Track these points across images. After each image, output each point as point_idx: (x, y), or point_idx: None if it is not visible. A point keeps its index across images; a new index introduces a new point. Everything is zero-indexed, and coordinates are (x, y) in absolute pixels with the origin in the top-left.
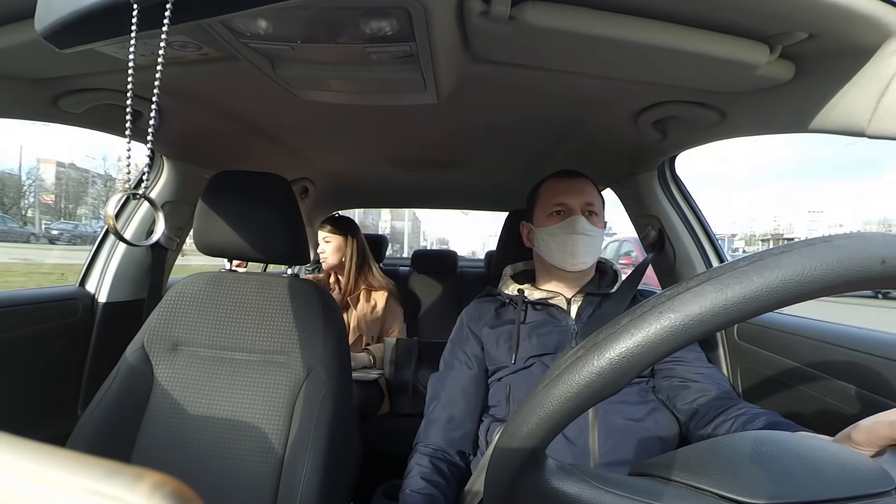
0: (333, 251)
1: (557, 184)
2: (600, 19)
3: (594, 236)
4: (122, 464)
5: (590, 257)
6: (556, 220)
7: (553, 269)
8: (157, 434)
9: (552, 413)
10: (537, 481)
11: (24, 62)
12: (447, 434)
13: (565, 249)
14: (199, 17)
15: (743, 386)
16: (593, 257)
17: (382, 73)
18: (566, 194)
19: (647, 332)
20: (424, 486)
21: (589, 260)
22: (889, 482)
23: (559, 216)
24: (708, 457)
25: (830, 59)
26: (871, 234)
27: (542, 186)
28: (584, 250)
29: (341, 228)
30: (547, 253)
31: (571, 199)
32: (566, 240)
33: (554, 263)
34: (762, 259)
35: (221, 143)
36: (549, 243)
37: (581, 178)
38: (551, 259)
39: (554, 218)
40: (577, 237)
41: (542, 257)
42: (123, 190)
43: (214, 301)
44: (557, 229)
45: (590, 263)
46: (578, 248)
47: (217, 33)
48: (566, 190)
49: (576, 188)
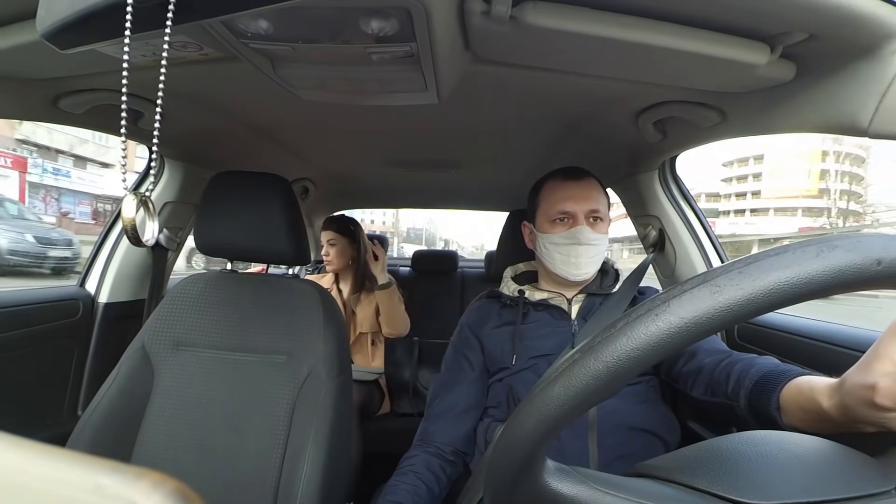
0: (339, 254)
1: (561, 187)
2: (601, 19)
3: (598, 245)
4: (122, 463)
5: (593, 267)
6: (559, 229)
7: (555, 275)
8: (158, 434)
9: (549, 416)
10: (535, 482)
11: (24, 62)
12: (445, 434)
13: (568, 260)
14: (200, 17)
15: None
16: (596, 266)
17: (383, 74)
18: (571, 201)
19: (643, 334)
20: (410, 478)
21: (592, 270)
22: (888, 482)
23: (563, 224)
24: (706, 457)
25: (831, 59)
26: (867, 235)
27: (544, 186)
28: (587, 261)
29: (346, 230)
30: (550, 261)
31: (576, 206)
32: (569, 251)
33: (556, 272)
34: (758, 261)
35: (221, 143)
36: (553, 252)
37: (585, 178)
38: (554, 268)
39: (558, 226)
40: (581, 248)
41: (545, 264)
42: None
43: (215, 301)
44: (561, 238)
45: (592, 273)
46: (582, 258)
47: (217, 33)
48: (571, 196)
49: (580, 193)
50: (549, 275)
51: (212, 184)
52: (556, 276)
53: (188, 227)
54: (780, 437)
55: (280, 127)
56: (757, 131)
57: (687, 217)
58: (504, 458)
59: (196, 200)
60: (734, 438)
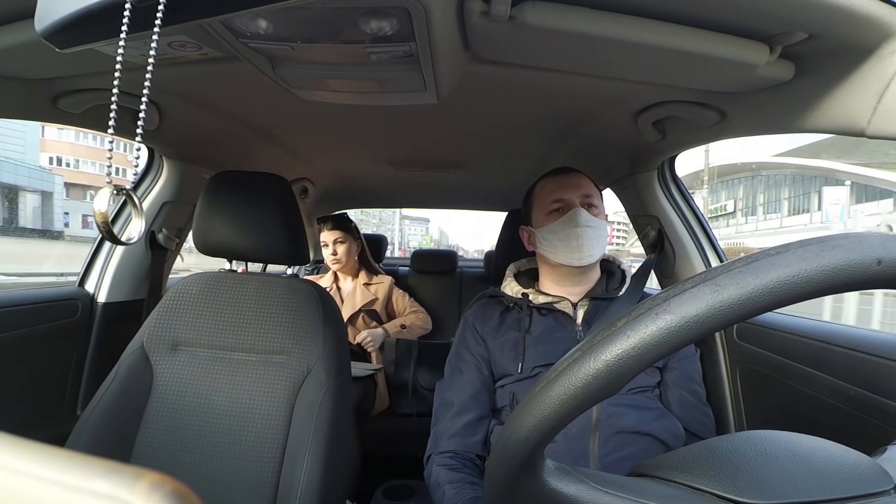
0: (347, 252)
1: (552, 181)
2: (600, 19)
3: (597, 227)
4: (121, 464)
5: (596, 250)
6: (556, 217)
7: (560, 268)
8: (157, 434)
9: (549, 415)
10: (535, 482)
11: (23, 62)
12: (463, 441)
13: (570, 244)
14: (198, 16)
15: (742, 386)
16: (599, 250)
17: (382, 74)
18: (563, 189)
19: (642, 334)
20: (458, 490)
21: (596, 253)
22: (888, 482)
23: (559, 213)
24: (706, 457)
25: (830, 59)
26: (867, 234)
27: (536, 187)
28: (588, 243)
29: (350, 227)
30: (552, 252)
31: (569, 193)
32: (570, 234)
33: (560, 261)
34: (758, 260)
35: (221, 143)
36: (553, 241)
37: (575, 172)
38: (557, 258)
39: (554, 215)
40: (581, 230)
41: (547, 257)
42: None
43: (214, 301)
44: (559, 226)
45: (597, 257)
46: (583, 241)
47: (217, 33)
48: (562, 185)
49: (572, 182)
50: (552, 271)
51: (211, 183)
52: (561, 267)
53: (187, 226)
54: (780, 437)
55: (280, 127)
56: (756, 131)
57: (686, 217)
58: (504, 457)
59: (195, 200)
60: (734, 438)
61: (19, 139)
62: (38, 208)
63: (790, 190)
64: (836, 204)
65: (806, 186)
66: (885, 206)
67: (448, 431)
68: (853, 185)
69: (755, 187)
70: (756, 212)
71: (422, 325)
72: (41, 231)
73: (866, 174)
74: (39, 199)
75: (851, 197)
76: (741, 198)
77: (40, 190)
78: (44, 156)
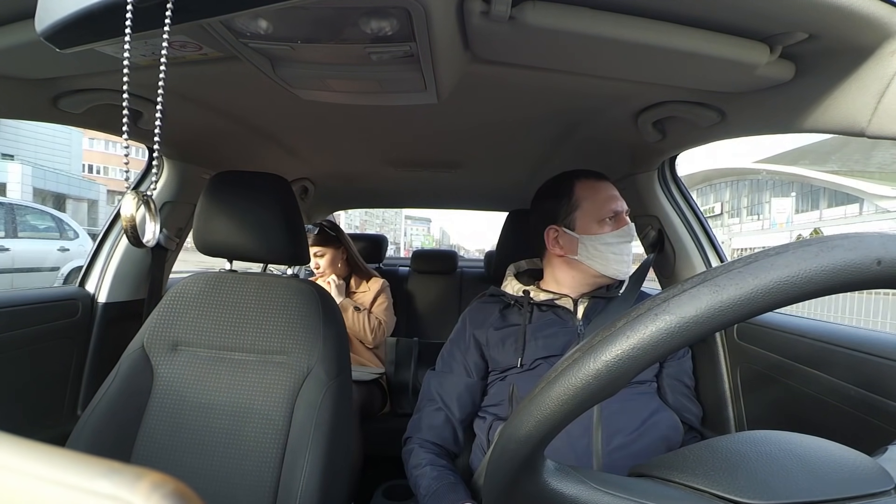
0: (329, 263)
1: (602, 186)
2: (600, 19)
3: None
4: (121, 463)
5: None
6: (611, 228)
7: (590, 276)
8: (157, 434)
9: (550, 415)
10: (536, 482)
11: (24, 62)
12: (440, 434)
13: (622, 258)
14: (199, 17)
15: (742, 386)
16: None
17: (382, 74)
18: (616, 200)
19: (642, 334)
20: (439, 473)
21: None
22: (888, 482)
23: (610, 224)
24: (706, 457)
25: (830, 59)
26: (867, 234)
27: (578, 186)
28: (631, 257)
29: (331, 241)
30: (599, 262)
31: (621, 205)
32: (623, 248)
33: (604, 273)
34: (757, 260)
35: (221, 143)
36: (605, 253)
37: (612, 182)
38: (602, 269)
39: (609, 225)
40: (631, 245)
41: (588, 265)
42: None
43: (214, 301)
44: (614, 238)
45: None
46: (631, 255)
47: (217, 33)
48: (614, 195)
49: (617, 194)
50: (574, 277)
51: (211, 183)
52: (592, 276)
53: (188, 226)
54: (780, 437)
55: (280, 127)
56: (756, 131)
57: (686, 217)
58: (505, 457)
59: (196, 200)
60: (734, 438)
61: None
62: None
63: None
64: (781, 213)
65: (786, 190)
66: (852, 210)
67: (430, 423)
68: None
69: (740, 191)
70: (741, 213)
71: (370, 327)
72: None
73: (835, 181)
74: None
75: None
76: (727, 200)
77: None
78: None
